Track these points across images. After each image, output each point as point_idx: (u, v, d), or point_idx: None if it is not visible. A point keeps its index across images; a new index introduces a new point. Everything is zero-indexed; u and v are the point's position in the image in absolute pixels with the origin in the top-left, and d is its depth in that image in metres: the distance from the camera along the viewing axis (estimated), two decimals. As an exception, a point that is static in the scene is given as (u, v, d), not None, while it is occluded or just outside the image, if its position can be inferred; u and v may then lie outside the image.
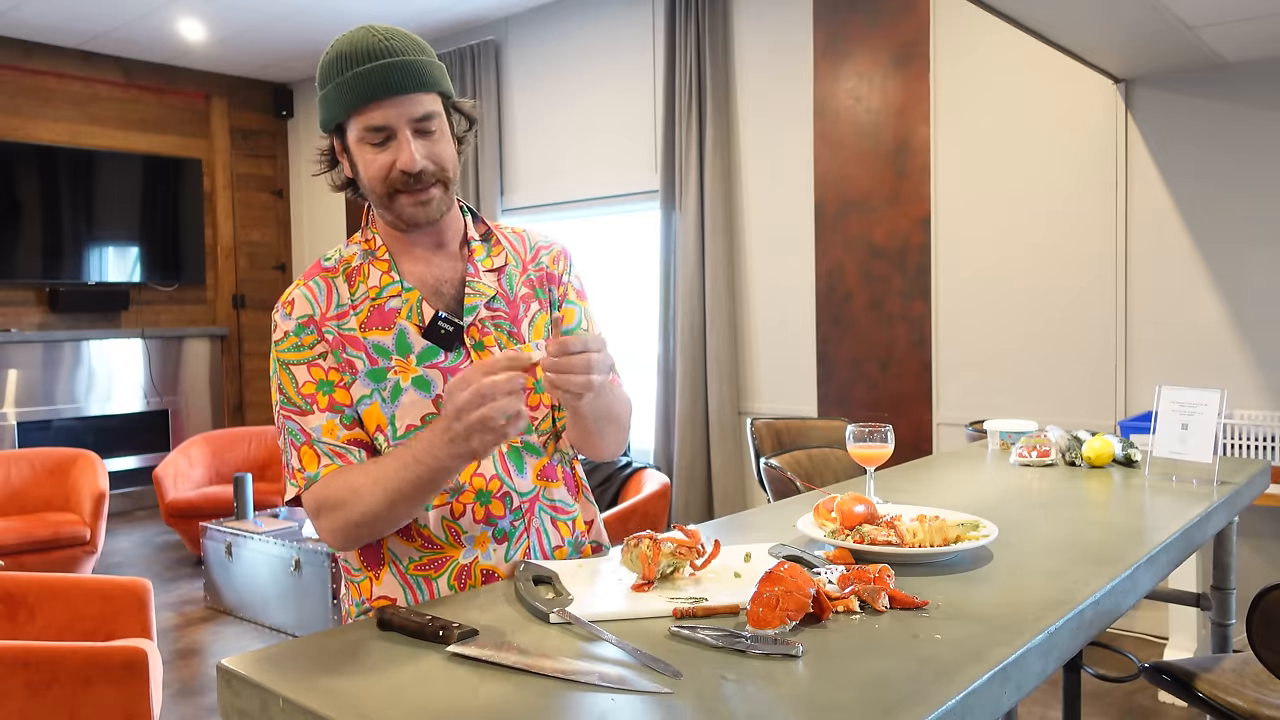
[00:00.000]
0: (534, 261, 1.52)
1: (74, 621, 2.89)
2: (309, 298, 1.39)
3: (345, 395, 1.37)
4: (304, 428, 1.36)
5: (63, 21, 6.06)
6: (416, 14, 5.96)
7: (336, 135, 1.39)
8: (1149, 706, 3.26)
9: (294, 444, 1.36)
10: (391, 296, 1.40)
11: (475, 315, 1.42)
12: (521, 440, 1.43)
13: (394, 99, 1.32)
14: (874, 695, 0.94)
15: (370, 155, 1.35)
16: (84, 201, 6.71)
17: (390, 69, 1.31)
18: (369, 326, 1.39)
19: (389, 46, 1.32)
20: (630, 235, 5.81)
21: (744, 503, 5.04)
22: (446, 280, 1.44)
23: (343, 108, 1.34)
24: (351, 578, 1.44)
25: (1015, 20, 3.00)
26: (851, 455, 1.75)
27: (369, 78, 1.31)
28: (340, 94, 1.33)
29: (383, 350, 1.38)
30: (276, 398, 1.39)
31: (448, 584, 1.39)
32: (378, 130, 1.33)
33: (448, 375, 1.38)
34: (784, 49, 4.88)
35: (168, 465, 5.45)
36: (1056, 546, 1.53)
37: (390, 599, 1.40)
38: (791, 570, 1.14)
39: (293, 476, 1.37)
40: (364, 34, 1.34)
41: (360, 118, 1.33)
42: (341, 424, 1.36)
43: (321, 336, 1.38)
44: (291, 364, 1.38)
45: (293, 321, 1.38)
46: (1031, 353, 4.19)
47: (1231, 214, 3.71)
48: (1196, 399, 2.06)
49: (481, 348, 1.41)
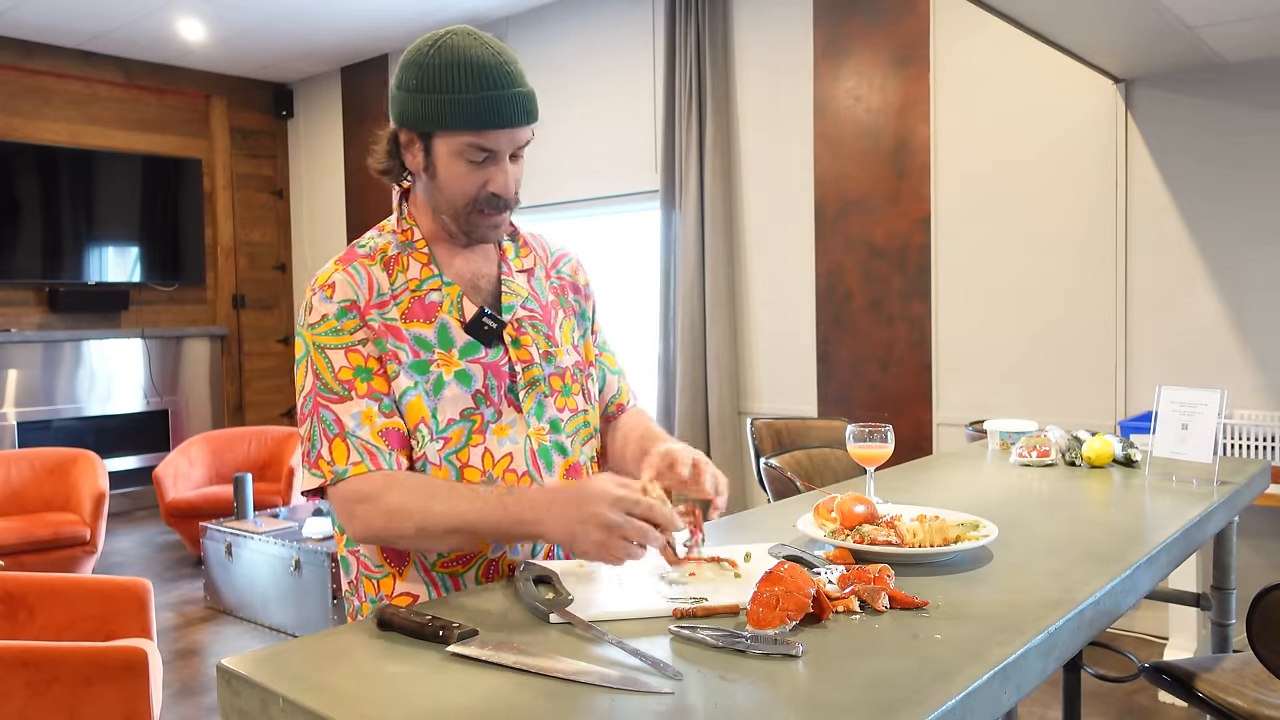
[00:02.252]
0: (555, 268, 1.56)
1: (74, 621, 2.89)
2: (350, 283, 1.37)
3: (384, 384, 1.35)
4: (339, 417, 1.33)
5: (63, 21, 6.06)
6: (416, 14, 5.96)
7: (422, 136, 1.37)
8: (1149, 706, 3.26)
9: (326, 434, 1.33)
10: (432, 290, 1.41)
11: (513, 314, 1.44)
12: (550, 439, 1.43)
13: (510, 130, 1.34)
14: (874, 695, 0.94)
15: (464, 170, 1.35)
16: (84, 201, 6.71)
17: (518, 101, 1.33)
18: (410, 318, 1.38)
19: (509, 73, 1.33)
20: (630, 235, 5.81)
21: (744, 503, 5.03)
22: (484, 276, 1.46)
23: (457, 123, 1.32)
24: (369, 574, 1.42)
25: (1015, 20, 3.00)
26: (851, 455, 1.75)
27: (497, 107, 1.32)
28: (457, 109, 1.31)
29: (424, 343, 1.38)
30: (309, 382, 1.36)
31: (475, 580, 1.39)
32: (483, 150, 1.34)
33: (488, 371, 1.39)
34: (784, 49, 4.88)
35: (168, 465, 5.45)
36: (1056, 546, 1.53)
37: (413, 596, 1.39)
38: (791, 570, 1.14)
39: (315, 465, 1.34)
40: (482, 48, 1.33)
41: (470, 137, 1.33)
42: (380, 412, 1.34)
43: (364, 323, 1.36)
44: (328, 348, 1.35)
45: (334, 305, 1.36)
46: (1031, 353, 4.19)
47: (1231, 214, 3.71)
48: (1196, 399, 2.06)
49: (519, 346, 1.43)
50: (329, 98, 7.34)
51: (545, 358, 1.45)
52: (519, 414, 1.41)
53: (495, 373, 1.40)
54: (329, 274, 1.39)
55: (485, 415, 1.38)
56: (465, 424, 1.37)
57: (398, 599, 1.39)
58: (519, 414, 1.41)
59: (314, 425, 1.34)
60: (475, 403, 1.38)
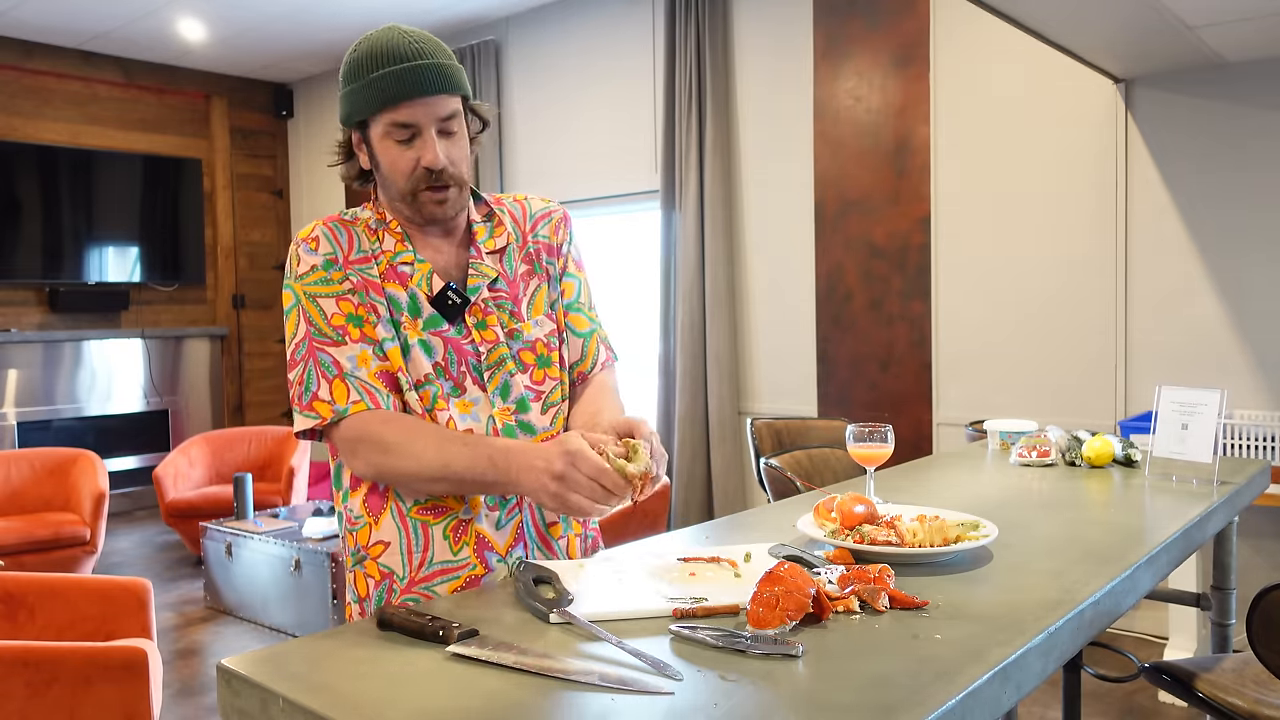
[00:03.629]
0: (533, 232, 1.56)
1: (74, 621, 2.89)
2: (330, 239, 1.44)
3: (374, 330, 1.41)
4: (337, 359, 1.38)
5: (63, 21, 6.06)
6: (416, 14, 5.96)
7: (359, 130, 1.44)
8: (1149, 706, 3.26)
9: (325, 375, 1.38)
10: (404, 263, 1.45)
11: (478, 295, 1.47)
12: (516, 418, 1.45)
13: (423, 99, 1.38)
14: (874, 695, 0.94)
15: (396, 152, 1.41)
16: (84, 201, 6.71)
17: (421, 70, 1.37)
18: (387, 278, 1.44)
19: (419, 49, 1.38)
20: (630, 235, 5.81)
21: (744, 503, 5.04)
22: (455, 265, 1.49)
23: (372, 105, 1.39)
24: (351, 526, 1.47)
25: (1015, 20, 3.00)
26: (851, 455, 1.75)
27: (400, 78, 1.37)
28: (370, 91, 1.38)
29: (396, 304, 1.43)
30: (301, 329, 1.40)
31: (443, 534, 1.42)
32: (405, 127, 1.39)
33: (449, 345, 1.43)
34: (784, 49, 4.88)
35: (168, 465, 5.45)
36: (1056, 546, 1.53)
37: (385, 543, 1.42)
38: (791, 570, 1.14)
39: (310, 408, 1.37)
40: (393, 34, 1.39)
41: (388, 115, 1.38)
42: (375, 355, 1.40)
43: (347, 276, 1.41)
44: (319, 296, 1.41)
45: (319, 257, 1.42)
46: (1032, 353, 4.19)
47: (1231, 213, 3.71)
48: (1196, 399, 2.06)
49: (483, 326, 1.46)
50: (329, 98, 7.33)
51: (511, 335, 1.47)
52: (484, 393, 1.44)
53: (456, 349, 1.44)
54: (311, 229, 1.45)
55: (444, 387, 1.42)
56: (429, 387, 1.41)
57: (372, 548, 1.44)
58: (484, 393, 1.44)
59: (309, 368, 1.39)
60: (435, 372, 1.42)
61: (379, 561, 1.43)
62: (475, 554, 1.42)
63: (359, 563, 1.46)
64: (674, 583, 1.28)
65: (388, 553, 1.43)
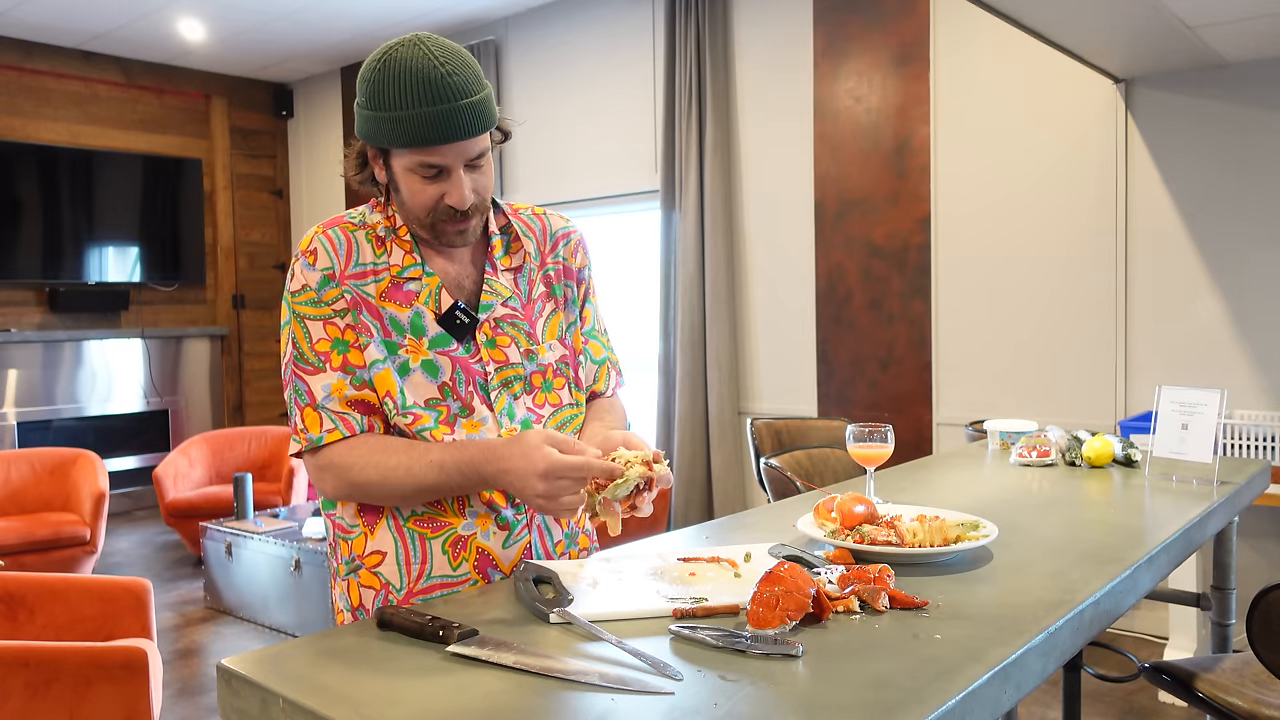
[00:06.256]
0: (552, 252, 1.53)
1: (74, 621, 2.89)
2: (329, 250, 1.38)
3: (359, 356, 1.37)
4: (311, 388, 1.37)
5: (63, 21, 6.06)
6: (416, 14, 5.96)
7: (379, 150, 1.37)
8: (1149, 706, 3.26)
9: (298, 403, 1.38)
10: (412, 279, 1.41)
11: (490, 313, 1.44)
12: None
13: (458, 144, 1.31)
14: (874, 695, 0.94)
15: (419, 185, 1.34)
16: (84, 201, 6.71)
17: (458, 115, 1.28)
18: (388, 298, 1.40)
19: (454, 85, 1.28)
20: (630, 235, 5.81)
21: (744, 503, 5.04)
22: (468, 276, 1.46)
23: (399, 140, 1.30)
24: (344, 534, 1.44)
25: (1015, 20, 3.00)
26: (851, 455, 1.75)
27: (433, 122, 1.28)
28: (399, 127, 1.29)
29: (397, 326, 1.39)
30: (287, 350, 1.39)
31: (441, 549, 1.40)
32: (433, 166, 1.32)
33: (457, 365, 1.40)
34: (784, 49, 4.88)
35: (168, 465, 5.45)
36: (1056, 546, 1.53)
37: (381, 553, 1.41)
38: (791, 570, 1.14)
39: (295, 431, 1.39)
40: (424, 59, 1.28)
41: (418, 154, 1.31)
42: (351, 384, 1.37)
43: (341, 295, 1.38)
44: (308, 318, 1.38)
45: (316, 273, 1.37)
46: (1031, 353, 4.19)
47: (1231, 214, 3.71)
48: (1196, 399, 2.06)
49: (493, 345, 1.43)
50: (329, 98, 7.34)
51: (527, 356, 1.45)
52: (492, 413, 1.42)
53: (465, 368, 1.41)
54: (311, 238, 1.40)
55: (452, 408, 1.39)
56: (432, 413, 1.39)
57: (368, 558, 1.42)
58: (492, 413, 1.42)
59: (290, 393, 1.39)
60: (441, 394, 1.39)
61: (375, 571, 1.41)
62: (476, 569, 1.41)
63: (353, 571, 1.43)
64: (674, 583, 1.28)
65: (384, 563, 1.41)
